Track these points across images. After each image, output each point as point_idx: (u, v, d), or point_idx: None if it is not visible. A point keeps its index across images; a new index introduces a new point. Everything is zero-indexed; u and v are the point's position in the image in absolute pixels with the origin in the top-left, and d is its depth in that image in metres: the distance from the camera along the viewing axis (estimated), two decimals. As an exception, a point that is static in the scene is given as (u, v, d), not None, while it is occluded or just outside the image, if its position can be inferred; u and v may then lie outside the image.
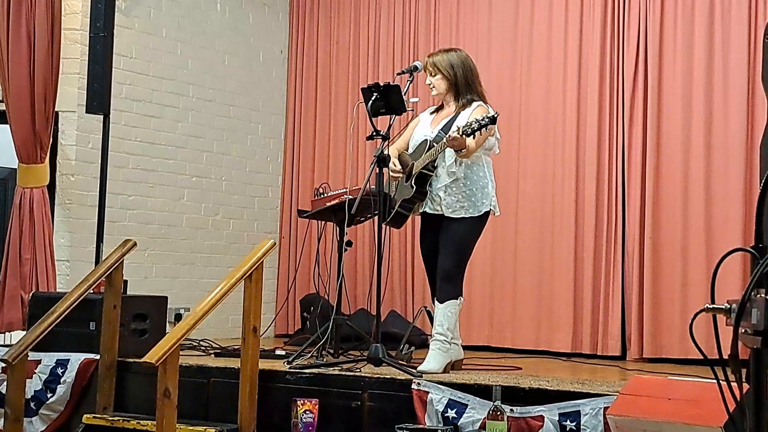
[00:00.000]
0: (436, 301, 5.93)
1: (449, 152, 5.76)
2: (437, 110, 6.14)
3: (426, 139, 5.91)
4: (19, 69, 7.18)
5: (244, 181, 9.12)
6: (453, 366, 5.90)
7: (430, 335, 5.95)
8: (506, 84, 8.29)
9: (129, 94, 8.03)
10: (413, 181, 5.86)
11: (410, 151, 6.03)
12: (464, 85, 5.98)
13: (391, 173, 6.01)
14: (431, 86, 6.02)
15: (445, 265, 5.87)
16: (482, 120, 5.50)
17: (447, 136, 5.60)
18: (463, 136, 5.52)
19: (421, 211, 5.98)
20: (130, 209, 8.07)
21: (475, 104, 5.94)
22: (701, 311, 2.25)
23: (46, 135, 7.26)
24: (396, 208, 5.95)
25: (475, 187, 5.87)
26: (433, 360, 5.74)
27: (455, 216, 5.83)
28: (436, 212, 5.88)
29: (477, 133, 5.54)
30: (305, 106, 9.46)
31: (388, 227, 6.06)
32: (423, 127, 6.06)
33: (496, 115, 5.58)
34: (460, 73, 5.99)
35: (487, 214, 5.94)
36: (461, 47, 8.39)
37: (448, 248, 5.86)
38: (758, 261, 2.10)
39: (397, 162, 5.98)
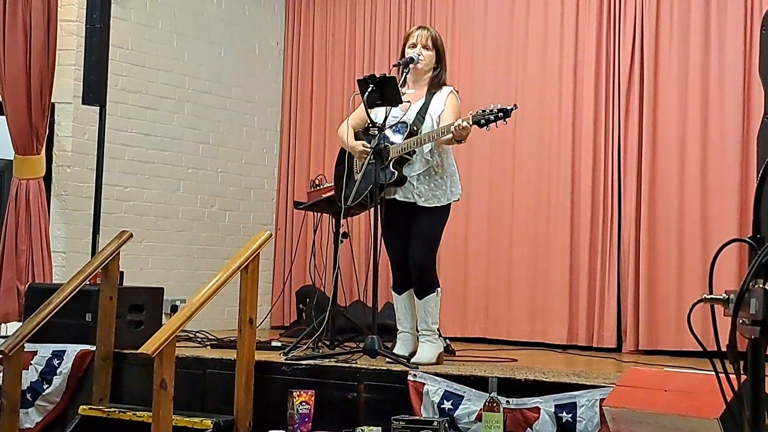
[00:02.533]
0: (414, 297, 5.89)
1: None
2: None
3: (406, 122, 5.81)
4: (16, 60, 7.17)
5: (240, 172, 9.12)
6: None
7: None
8: (502, 75, 8.28)
9: (125, 86, 8.03)
10: (392, 166, 5.75)
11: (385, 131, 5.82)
12: (444, 69, 6.00)
13: (358, 150, 5.89)
14: (419, 56, 5.90)
15: (419, 258, 5.84)
16: (498, 112, 5.44)
17: (457, 125, 5.47)
18: (472, 125, 5.46)
19: (390, 197, 5.84)
20: (126, 201, 8.07)
21: (446, 89, 5.92)
22: (699, 302, 2.25)
23: (42, 126, 7.26)
24: (366, 193, 5.75)
25: (446, 175, 5.84)
26: (424, 351, 5.74)
27: (428, 205, 5.79)
28: (407, 200, 5.81)
29: (486, 127, 5.49)
30: (301, 97, 9.46)
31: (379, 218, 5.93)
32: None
33: (514, 108, 5.48)
34: (445, 59, 6.03)
35: (452, 202, 5.93)
36: (457, 38, 8.46)
37: (420, 240, 5.83)
38: (756, 251, 2.10)
39: (362, 141, 5.86)
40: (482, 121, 5.45)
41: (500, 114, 5.45)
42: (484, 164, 8.24)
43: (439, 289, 5.89)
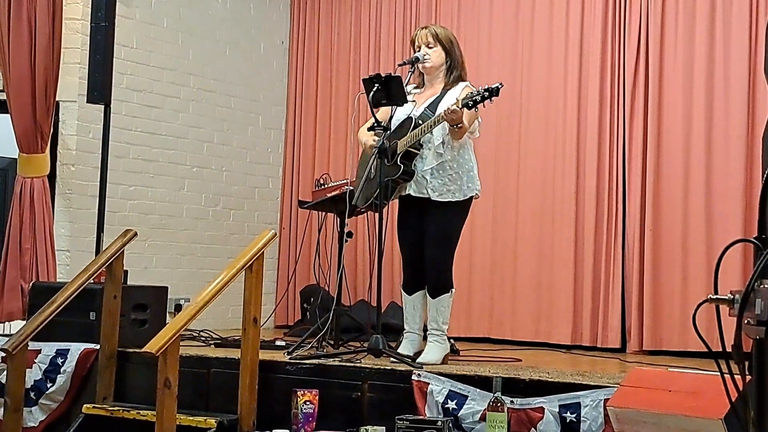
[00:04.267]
0: (427, 296, 5.86)
1: (437, 132, 5.68)
2: (415, 88, 6.01)
3: (410, 117, 5.79)
4: (20, 58, 7.17)
5: (244, 171, 9.12)
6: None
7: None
8: (507, 75, 8.25)
9: (130, 84, 8.03)
10: (399, 160, 5.73)
11: (391, 129, 5.81)
12: (457, 63, 5.94)
13: (369, 145, 5.90)
14: (425, 57, 5.88)
15: (434, 256, 5.81)
16: (484, 92, 5.41)
17: (446, 109, 5.48)
18: (463, 108, 5.43)
19: (405, 193, 5.84)
20: (131, 199, 8.07)
21: (462, 84, 5.86)
22: (704, 302, 2.25)
23: (46, 125, 7.25)
24: (376, 192, 5.78)
25: (462, 170, 5.78)
26: (431, 352, 5.73)
27: (442, 200, 5.73)
28: (422, 195, 5.77)
29: (475, 108, 5.46)
30: (306, 97, 9.46)
31: (386, 218, 5.92)
32: (405, 106, 5.83)
33: (499, 86, 5.42)
34: (456, 51, 5.96)
35: (471, 198, 5.87)
36: (462, 38, 8.41)
37: (436, 238, 5.79)
38: (762, 252, 2.09)
39: (373, 137, 5.82)
40: (470, 102, 5.42)
41: (486, 93, 5.40)
42: (489, 164, 8.21)
43: (453, 290, 5.87)
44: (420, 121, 5.73)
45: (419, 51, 5.92)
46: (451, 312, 5.91)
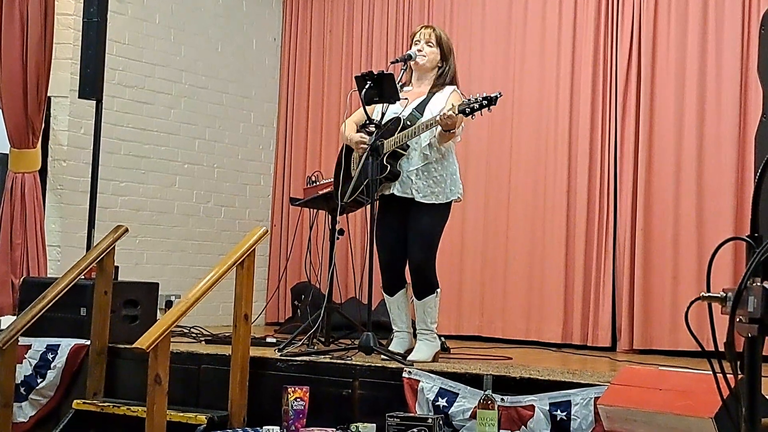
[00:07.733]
0: (414, 298, 5.85)
1: (425, 135, 5.66)
2: (404, 86, 5.98)
3: (398, 117, 5.78)
4: (12, 53, 7.16)
5: (236, 168, 9.11)
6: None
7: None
8: (499, 74, 8.28)
9: (122, 80, 8.02)
10: (385, 160, 5.71)
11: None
12: (450, 71, 5.94)
13: (355, 141, 5.89)
14: (421, 53, 5.86)
15: (417, 258, 5.79)
16: (482, 100, 5.40)
17: (443, 114, 5.45)
18: (459, 114, 5.42)
19: (388, 193, 5.82)
20: (122, 195, 8.06)
21: (449, 88, 5.84)
22: (696, 300, 2.25)
23: (38, 120, 7.25)
24: (360, 189, 5.80)
25: (446, 173, 5.77)
26: (422, 349, 5.72)
27: (425, 201, 5.71)
28: (406, 195, 5.75)
29: (472, 116, 5.44)
30: (298, 94, 9.46)
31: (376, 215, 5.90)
32: (395, 104, 5.82)
33: (498, 95, 5.43)
34: (452, 60, 5.96)
35: (452, 202, 5.86)
36: (455, 36, 8.43)
37: (419, 239, 5.77)
38: (754, 250, 2.10)
39: (361, 134, 5.84)
40: (467, 109, 5.41)
41: (485, 102, 5.40)
42: (480, 163, 8.24)
43: (438, 290, 5.86)
44: (408, 122, 5.73)
45: (416, 45, 5.91)
46: (439, 311, 5.91)
